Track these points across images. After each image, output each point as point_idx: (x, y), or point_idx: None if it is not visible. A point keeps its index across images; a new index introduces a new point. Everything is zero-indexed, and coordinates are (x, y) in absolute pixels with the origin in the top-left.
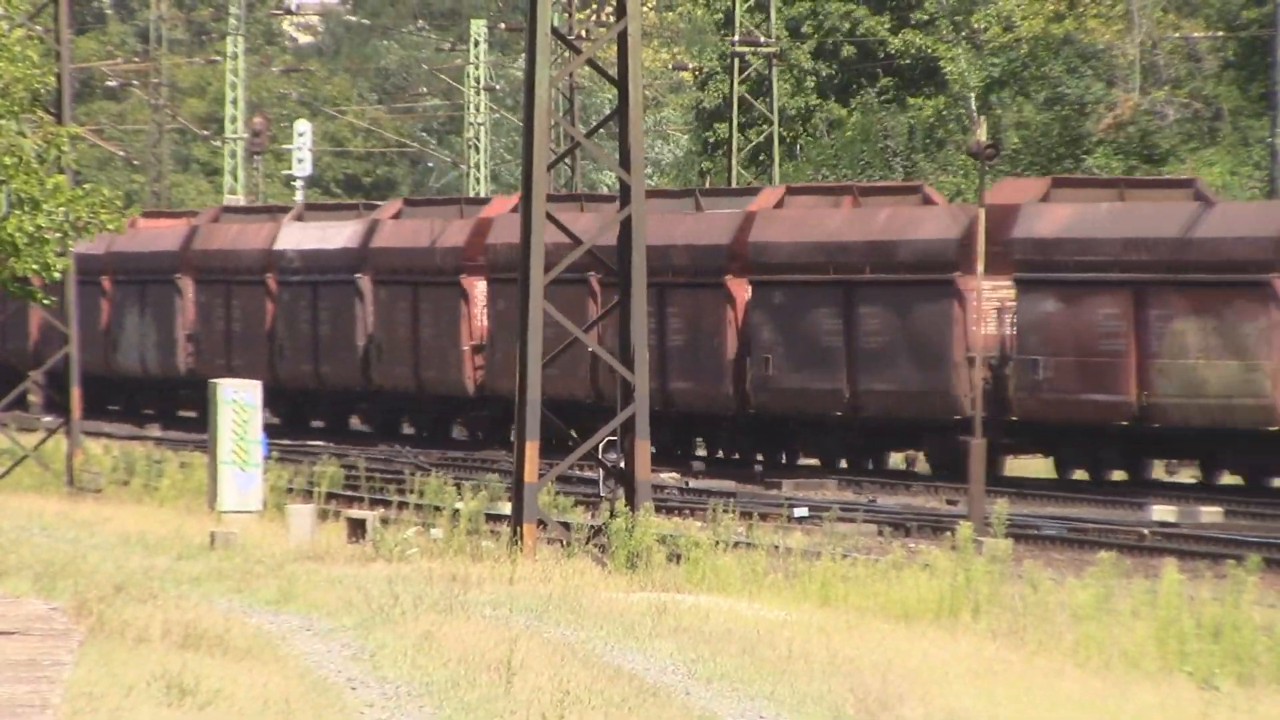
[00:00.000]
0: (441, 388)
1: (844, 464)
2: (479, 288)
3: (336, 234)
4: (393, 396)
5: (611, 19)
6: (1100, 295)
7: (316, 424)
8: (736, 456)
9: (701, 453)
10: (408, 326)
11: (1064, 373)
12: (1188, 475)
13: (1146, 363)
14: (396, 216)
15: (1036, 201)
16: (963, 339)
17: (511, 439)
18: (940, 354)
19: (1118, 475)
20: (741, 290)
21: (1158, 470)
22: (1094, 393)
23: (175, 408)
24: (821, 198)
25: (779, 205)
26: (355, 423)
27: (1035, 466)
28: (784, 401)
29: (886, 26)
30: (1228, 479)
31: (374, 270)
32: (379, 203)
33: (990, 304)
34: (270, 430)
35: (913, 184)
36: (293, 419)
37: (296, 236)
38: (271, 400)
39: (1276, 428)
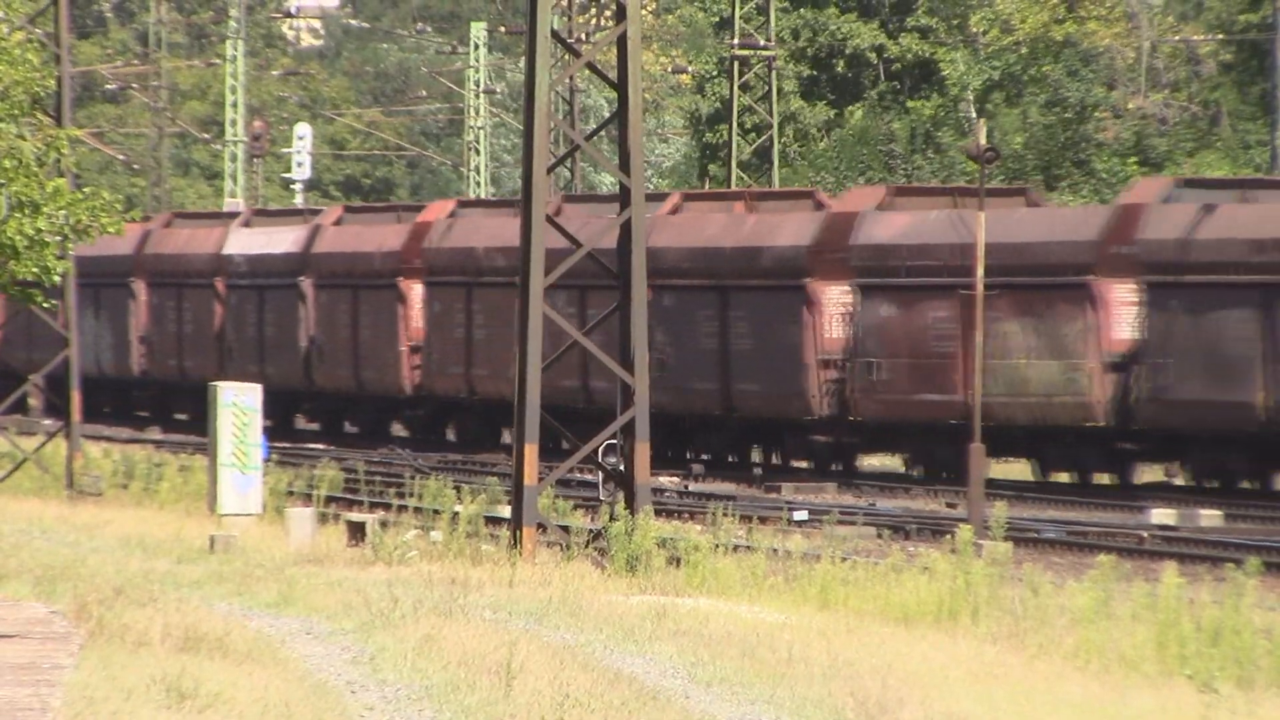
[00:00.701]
0: (380, 387)
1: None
2: (416, 290)
3: (281, 239)
4: (334, 396)
5: (611, 22)
6: (932, 299)
7: (266, 423)
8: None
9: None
10: (348, 328)
11: (899, 374)
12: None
13: (1275, 365)
14: (338, 222)
15: (875, 209)
16: (813, 342)
17: (451, 438)
18: (795, 357)
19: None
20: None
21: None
22: (927, 393)
23: (131, 408)
24: (715, 204)
25: (674, 211)
26: (301, 422)
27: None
28: (680, 402)
29: (881, 34)
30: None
31: (316, 274)
32: (320, 208)
33: (841, 308)
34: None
35: (806, 190)
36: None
37: (244, 241)
38: None
39: (1093, 424)
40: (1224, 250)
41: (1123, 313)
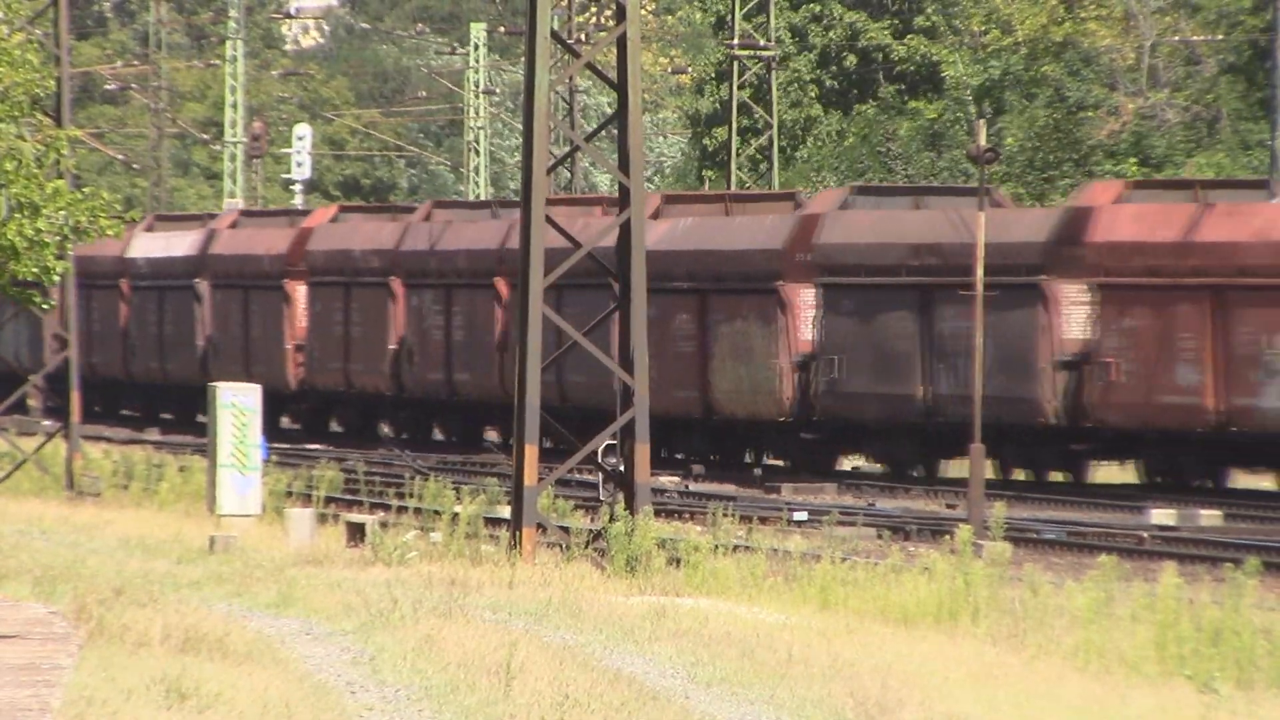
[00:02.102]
0: (268, 382)
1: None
2: (300, 291)
3: (179, 242)
4: None
5: (611, 22)
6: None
7: (166, 416)
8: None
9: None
10: (240, 327)
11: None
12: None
13: (932, 361)
14: (233, 226)
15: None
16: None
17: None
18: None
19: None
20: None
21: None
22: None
23: (45, 401)
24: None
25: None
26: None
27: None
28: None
29: (888, 33)
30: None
31: (211, 276)
32: (216, 213)
33: (812, 309)
34: (134, 423)
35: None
36: (146, 411)
37: (146, 245)
38: (127, 395)
39: (784, 418)
40: (888, 254)
41: (808, 315)
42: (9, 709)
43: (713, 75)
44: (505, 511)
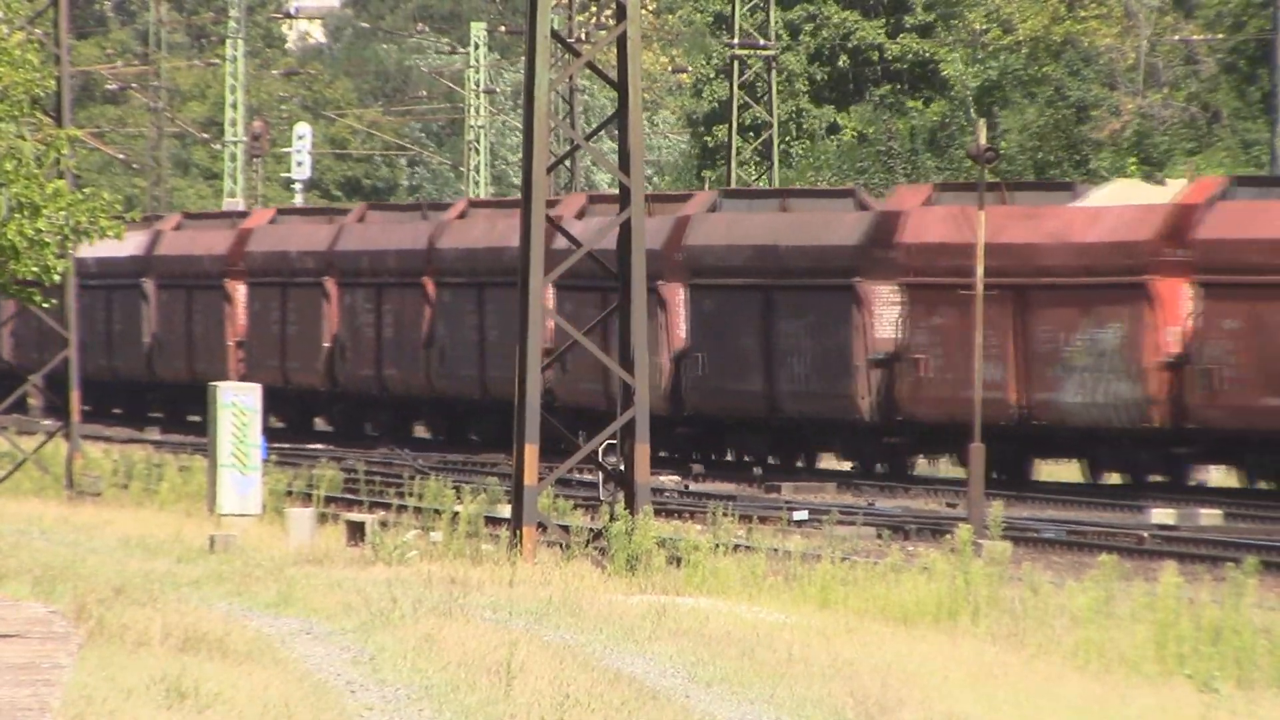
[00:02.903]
0: (210, 379)
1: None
2: (240, 291)
3: (126, 243)
4: (173, 387)
5: (611, 21)
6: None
7: (116, 411)
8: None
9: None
10: (183, 325)
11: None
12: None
13: (773, 358)
14: (177, 228)
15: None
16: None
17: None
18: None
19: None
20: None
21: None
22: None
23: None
24: (497, 210)
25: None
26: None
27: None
28: (453, 387)
29: (882, 31)
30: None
31: (157, 276)
32: (162, 215)
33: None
34: (85, 417)
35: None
36: (96, 406)
37: (97, 246)
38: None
39: (662, 414)
40: (739, 256)
41: (682, 313)
42: (9, 708)
43: (711, 75)
44: (505, 511)
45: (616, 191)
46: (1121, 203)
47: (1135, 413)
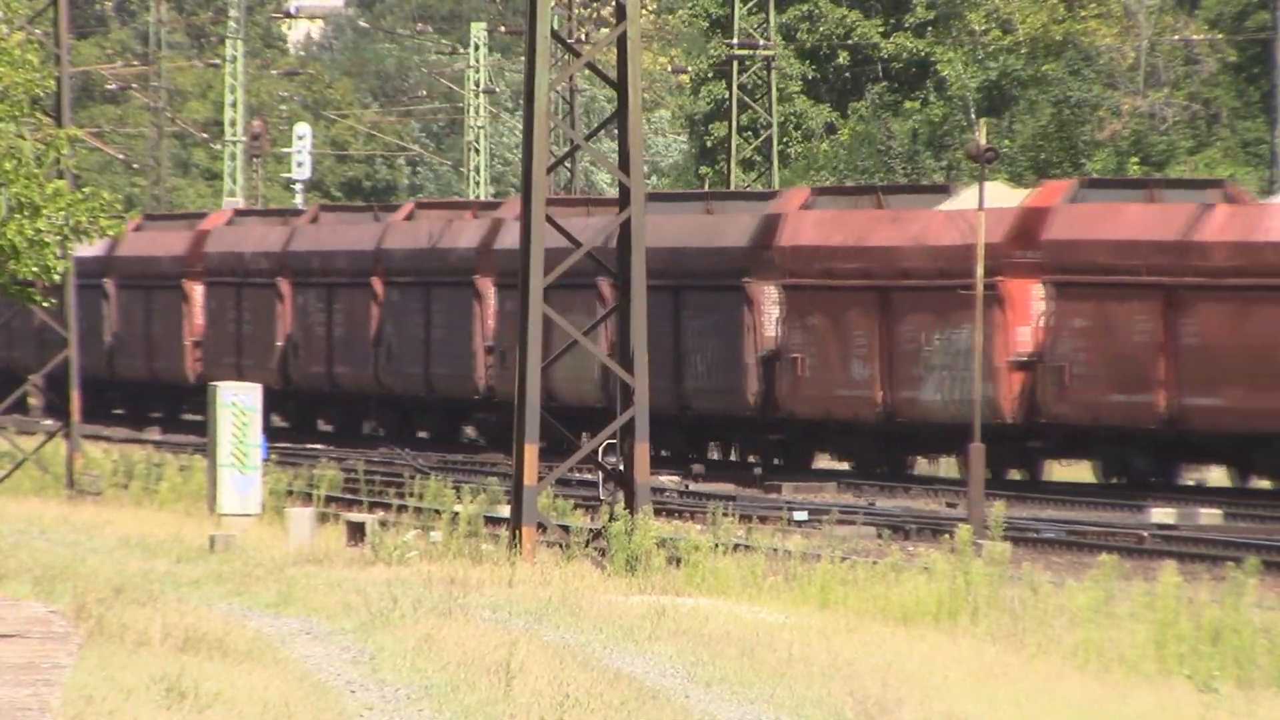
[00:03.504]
0: (168, 377)
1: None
2: (198, 291)
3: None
4: (133, 385)
5: (611, 19)
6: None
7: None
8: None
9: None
10: (142, 324)
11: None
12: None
13: (682, 356)
14: (138, 229)
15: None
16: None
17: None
18: (467, 344)
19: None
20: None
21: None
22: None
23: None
24: (443, 212)
25: (408, 218)
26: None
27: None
28: (401, 384)
29: (880, 31)
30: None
31: (117, 275)
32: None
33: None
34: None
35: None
36: (57, 404)
37: None
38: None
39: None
40: (657, 259)
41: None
42: (9, 708)
43: (709, 74)
44: (505, 511)
45: (555, 196)
46: (974, 206)
47: (989, 410)
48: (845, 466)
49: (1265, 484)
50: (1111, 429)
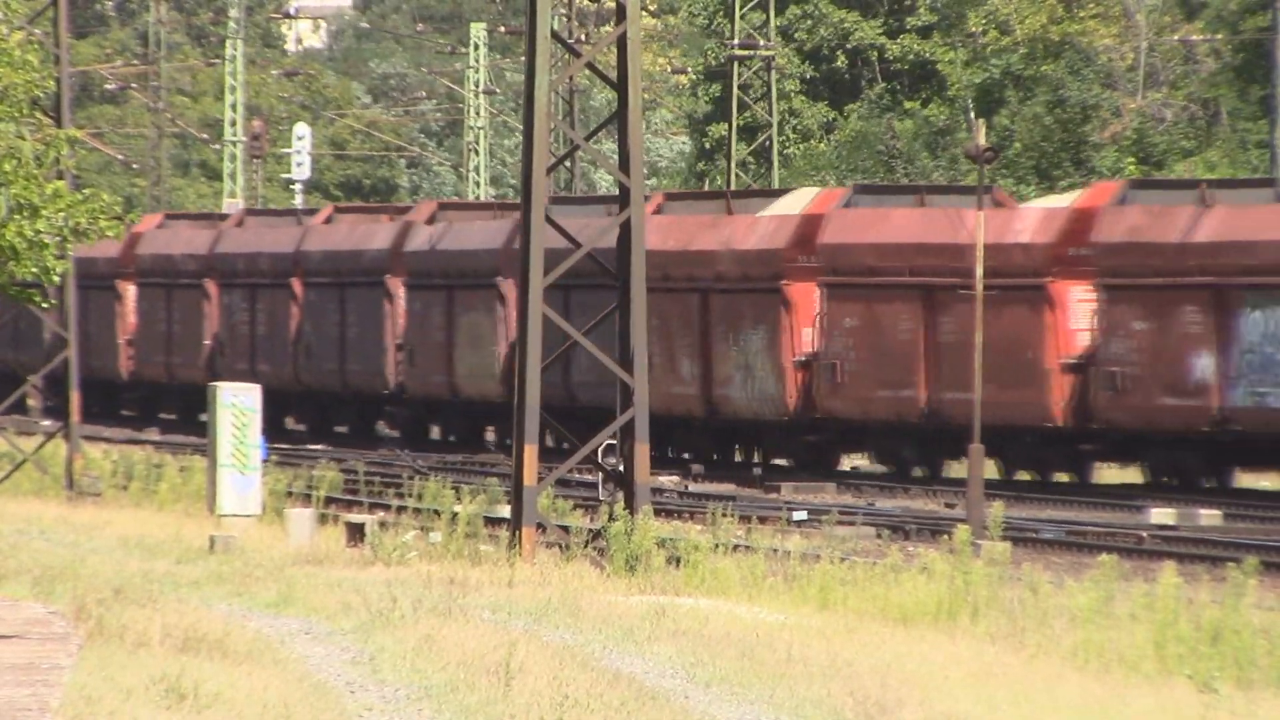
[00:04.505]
0: (103, 374)
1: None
2: (130, 291)
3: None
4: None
5: (614, 19)
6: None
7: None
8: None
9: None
10: (77, 324)
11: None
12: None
13: (575, 352)
14: None
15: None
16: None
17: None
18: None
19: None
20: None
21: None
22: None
23: None
24: (360, 214)
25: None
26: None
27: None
28: (317, 380)
29: (880, 32)
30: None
31: None
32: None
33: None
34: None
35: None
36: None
37: None
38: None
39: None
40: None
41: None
42: (8, 709)
43: (705, 75)
44: (505, 511)
45: (466, 200)
46: (781, 212)
47: (778, 406)
48: (844, 467)
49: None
50: (880, 422)
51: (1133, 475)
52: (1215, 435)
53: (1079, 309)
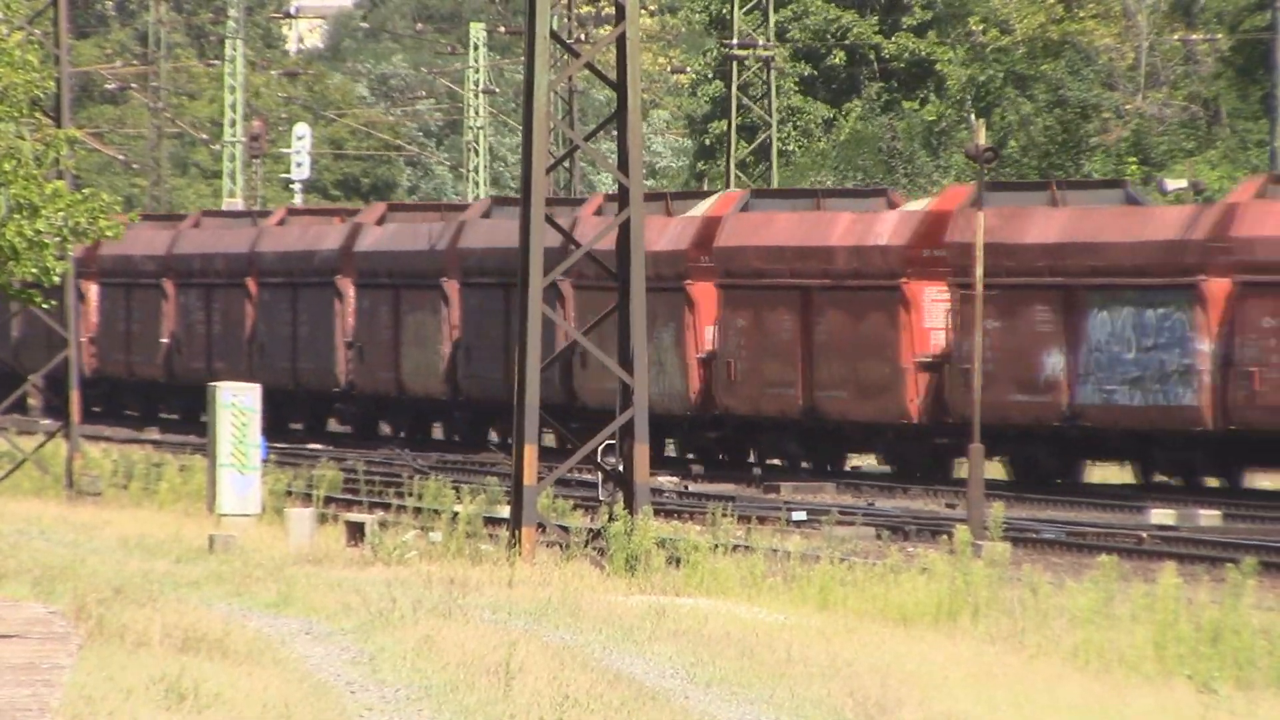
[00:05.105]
0: (65, 371)
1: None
2: (93, 290)
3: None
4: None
5: (612, 18)
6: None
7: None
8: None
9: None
10: (42, 322)
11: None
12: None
13: (509, 349)
14: None
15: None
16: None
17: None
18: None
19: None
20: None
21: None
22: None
23: None
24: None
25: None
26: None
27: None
28: (272, 378)
29: (876, 31)
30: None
31: None
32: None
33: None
34: None
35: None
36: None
37: None
38: None
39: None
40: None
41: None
42: (8, 708)
43: (709, 75)
44: (505, 511)
45: (413, 201)
46: (693, 214)
47: (683, 401)
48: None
49: (1266, 484)
50: (768, 418)
51: (996, 470)
52: (1065, 430)
53: (934, 309)
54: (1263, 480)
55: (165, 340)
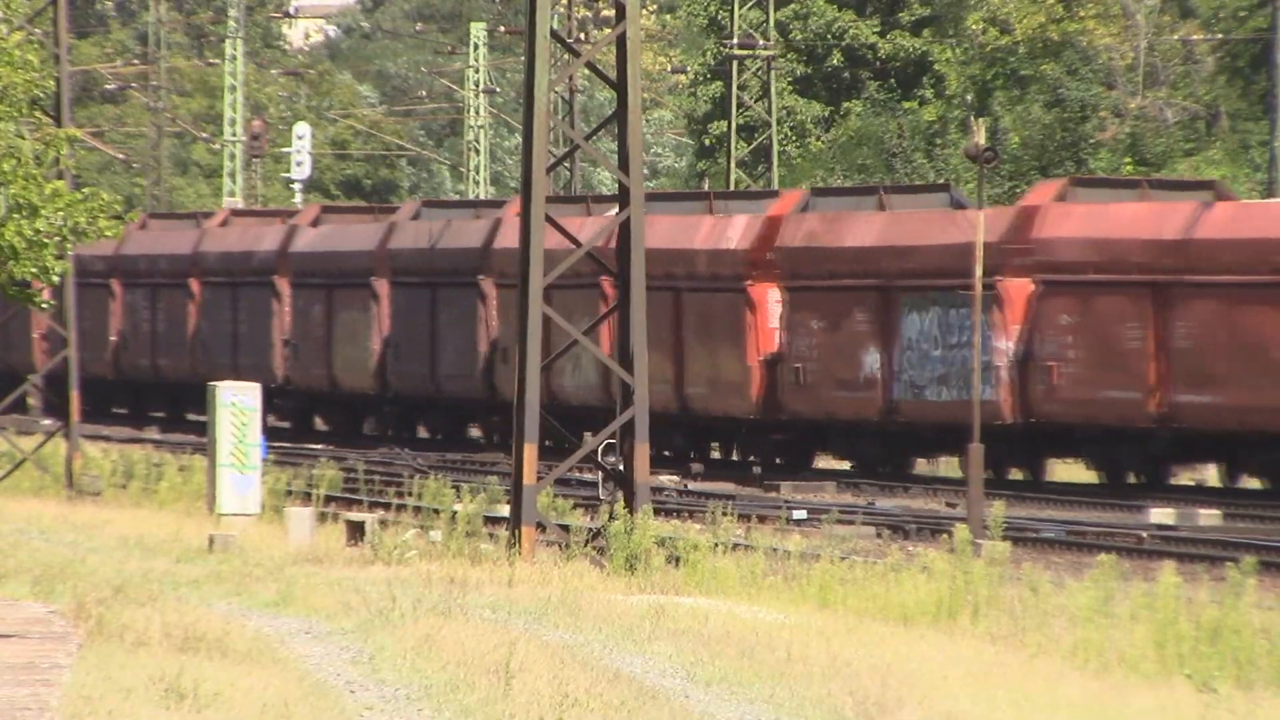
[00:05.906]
0: (20, 369)
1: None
2: (45, 292)
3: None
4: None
5: (612, 18)
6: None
7: None
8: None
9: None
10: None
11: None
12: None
13: (436, 346)
14: None
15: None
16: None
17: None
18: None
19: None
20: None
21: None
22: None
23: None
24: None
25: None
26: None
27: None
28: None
29: (875, 30)
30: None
31: None
32: None
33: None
34: None
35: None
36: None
37: None
38: None
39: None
40: (424, 258)
41: (387, 307)
42: (8, 708)
43: (708, 75)
44: (505, 510)
45: (347, 204)
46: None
47: (603, 394)
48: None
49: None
50: (691, 416)
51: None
52: (884, 425)
53: (775, 309)
54: (1061, 471)
55: (114, 338)
